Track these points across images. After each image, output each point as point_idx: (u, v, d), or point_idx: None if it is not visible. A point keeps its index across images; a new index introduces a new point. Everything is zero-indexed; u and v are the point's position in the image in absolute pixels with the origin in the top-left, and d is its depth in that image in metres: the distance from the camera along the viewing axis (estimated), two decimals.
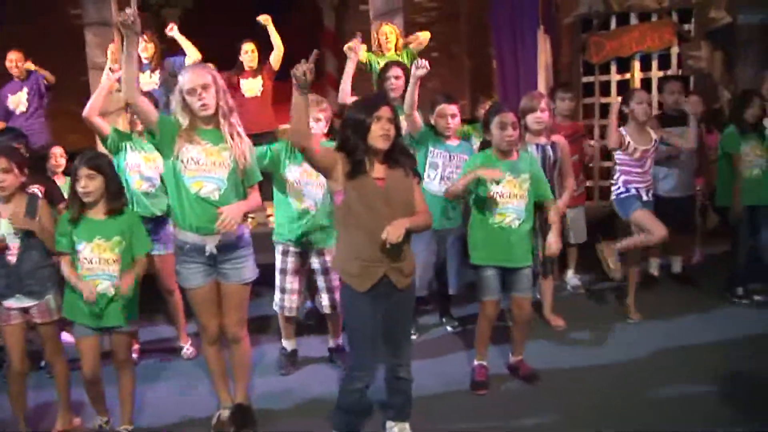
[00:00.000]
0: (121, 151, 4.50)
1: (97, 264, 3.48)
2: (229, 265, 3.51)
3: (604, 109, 7.49)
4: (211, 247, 3.44)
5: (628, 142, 4.77)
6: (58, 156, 5.11)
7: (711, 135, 5.91)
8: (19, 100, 6.56)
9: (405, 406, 3.42)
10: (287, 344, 4.46)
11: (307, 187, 4.14)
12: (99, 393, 3.65)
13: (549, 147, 4.52)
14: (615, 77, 7.27)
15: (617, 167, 4.95)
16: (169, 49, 6.67)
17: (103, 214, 3.51)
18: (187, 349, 4.74)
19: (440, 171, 4.62)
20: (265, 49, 6.54)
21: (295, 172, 4.15)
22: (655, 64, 7.11)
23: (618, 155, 4.89)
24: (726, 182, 5.23)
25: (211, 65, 3.73)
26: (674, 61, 7.02)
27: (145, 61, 6.12)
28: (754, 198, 5.11)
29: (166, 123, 3.38)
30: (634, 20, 7.09)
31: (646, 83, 7.10)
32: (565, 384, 4.02)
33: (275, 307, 4.36)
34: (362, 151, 3.10)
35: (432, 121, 4.68)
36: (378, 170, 3.15)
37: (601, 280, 5.55)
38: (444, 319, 4.98)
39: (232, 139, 3.42)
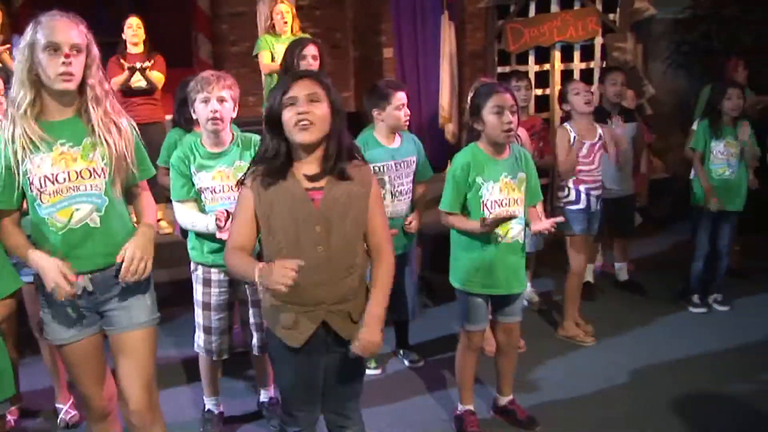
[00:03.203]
0: None
1: None
2: (115, 305, 2.43)
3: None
4: (85, 282, 2.35)
5: (574, 137, 4.16)
6: None
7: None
8: None
9: None
10: (211, 403, 3.36)
11: (226, 195, 3.06)
12: None
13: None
14: (534, 68, 6.67)
15: None
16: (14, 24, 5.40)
17: None
18: (66, 412, 3.50)
19: (389, 188, 3.67)
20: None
21: (206, 178, 3.06)
22: (577, 54, 6.59)
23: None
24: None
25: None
26: (597, 52, 6.54)
27: None
28: (720, 202, 4.60)
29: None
30: (555, 7, 6.51)
31: (566, 75, 6.59)
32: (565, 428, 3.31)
33: (197, 349, 3.26)
34: (281, 154, 2.21)
35: (378, 116, 3.69)
36: (314, 176, 2.25)
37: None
38: (401, 352, 4.08)
39: (108, 131, 2.32)
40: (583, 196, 4.23)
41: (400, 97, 3.63)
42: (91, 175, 2.32)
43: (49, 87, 2.26)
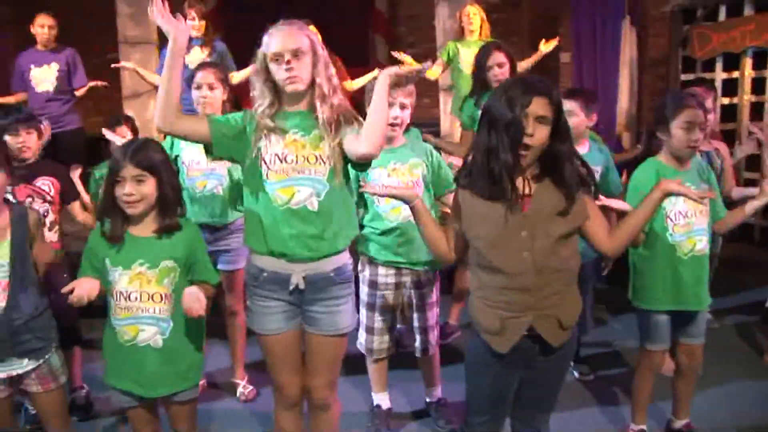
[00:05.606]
0: (175, 146, 3.53)
1: (138, 302, 2.45)
2: (321, 308, 2.54)
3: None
4: (298, 278, 2.49)
5: None
6: (127, 135, 3.94)
7: None
8: (44, 77, 5.57)
9: None
10: (379, 399, 3.46)
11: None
12: None
13: (714, 154, 3.65)
14: (720, 75, 6.34)
15: None
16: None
17: (151, 231, 2.50)
18: (244, 387, 3.77)
19: None
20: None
21: (381, 175, 3.11)
22: None
23: None
24: None
25: (311, 27, 2.73)
26: None
27: (195, 38, 5.21)
28: None
29: (224, 125, 2.49)
30: (749, 10, 6.12)
31: (758, 83, 6.20)
32: None
33: (359, 347, 3.38)
34: (506, 166, 2.15)
35: None
36: (523, 185, 2.22)
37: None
38: (572, 364, 3.98)
39: (329, 124, 2.44)
40: None
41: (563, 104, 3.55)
42: (316, 160, 2.45)
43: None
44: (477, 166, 2.23)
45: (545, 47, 5.39)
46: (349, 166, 2.52)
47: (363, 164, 2.52)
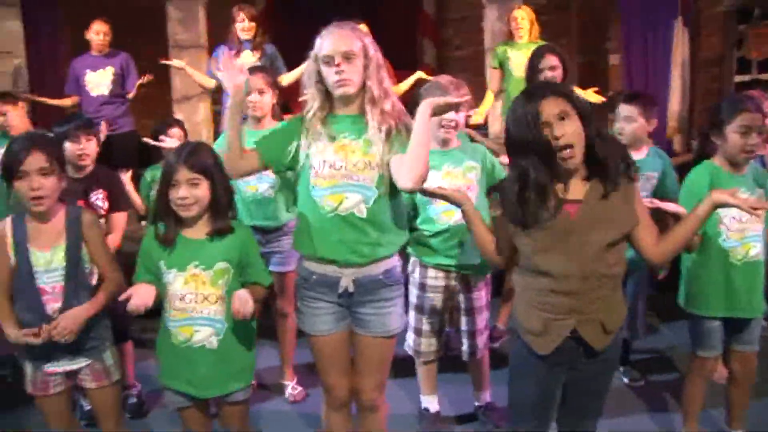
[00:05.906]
0: None
1: (193, 303, 2.48)
2: (370, 310, 2.53)
3: None
4: (347, 282, 2.50)
5: None
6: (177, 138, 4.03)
7: None
8: (99, 81, 5.71)
9: None
10: (428, 401, 3.45)
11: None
12: None
13: None
14: None
15: None
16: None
17: (204, 233, 2.52)
18: (293, 388, 3.79)
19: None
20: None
21: (435, 178, 3.01)
22: None
23: None
24: None
25: (364, 27, 2.71)
26: None
27: (245, 40, 5.27)
28: None
29: (272, 143, 2.56)
30: None
31: None
32: None
33: (407, 349, 3.38)
34: (539, 187, 2.15)
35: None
36: (572, 189, 2.20)
37: None
38: (621, 369, 3.94)
39: (379, 130, 2.41)
40: None
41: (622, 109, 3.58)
42: (365, 166, 2.43)
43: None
44: (507, 193, 2.24)
45: (590, 97, 5.30)
46: None
47: None
